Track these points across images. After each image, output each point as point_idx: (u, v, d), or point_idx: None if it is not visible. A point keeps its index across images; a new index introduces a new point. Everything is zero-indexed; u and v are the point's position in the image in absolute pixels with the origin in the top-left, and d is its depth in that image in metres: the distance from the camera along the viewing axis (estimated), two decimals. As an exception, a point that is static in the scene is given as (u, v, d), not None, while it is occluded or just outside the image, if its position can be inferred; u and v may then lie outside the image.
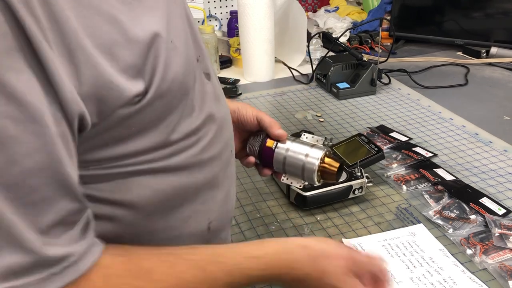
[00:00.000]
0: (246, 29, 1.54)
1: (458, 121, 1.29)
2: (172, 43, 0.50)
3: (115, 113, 0.46)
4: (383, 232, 0.89)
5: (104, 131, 0.46)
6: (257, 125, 0.77)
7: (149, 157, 0.52)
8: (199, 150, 0.57)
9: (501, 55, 1.69)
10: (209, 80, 0.61)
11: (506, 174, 1.04)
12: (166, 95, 0.50)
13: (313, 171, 0.73)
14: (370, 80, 1.45)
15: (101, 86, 0.43)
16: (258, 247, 0.56)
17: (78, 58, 0.41)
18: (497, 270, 0.78)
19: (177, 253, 0.51)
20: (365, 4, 2.10)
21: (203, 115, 0.57)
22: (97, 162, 0.48)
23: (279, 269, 0.55)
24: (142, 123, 0.49)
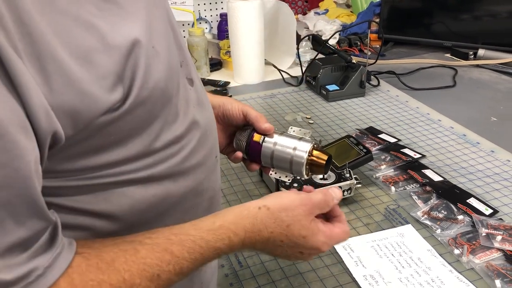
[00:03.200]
0: (236, 31, 1.54)
1: (446, 122, 1.30)
2: (154, 48, 0.49)
3: (93, 123, 0.44)
4: (372, 233, 0.89)
5: (82, 140, 0.45)
6: (243, 119, 0.76)
7: (131, 167, 0.50)
8: (182, 158, 0.56)
9: (489, 57, 1.71)
10: (192, 86, 0.60)
11: (493, 175, 1.06)
12: (147, 103, 0.48)
13: (302, 164, 0.72)
14: (359, 82, 1.46)
15: (75, 96, 0.41)
16: (217, 218, 0.55)
17: (49, 67, 0.40)
18: (484, 269, 0.79)
19: (138, 240, 0.49)
20: (354, 6, 2.11)
21: (186, 121, 0.56)
22: (77, 172, 0.47)
23: (244, 233, 0.55)
24: (123, 131, 0.48)
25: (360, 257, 0.83)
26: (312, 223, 0.59)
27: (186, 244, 0.50)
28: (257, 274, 0.81)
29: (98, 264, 0.45)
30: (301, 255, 0.60)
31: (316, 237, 0.59)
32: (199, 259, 0.51)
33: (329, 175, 0.97)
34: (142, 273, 0.47)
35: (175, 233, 0.51)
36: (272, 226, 0.56)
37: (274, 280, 0.79)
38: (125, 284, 0.46)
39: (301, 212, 0.58)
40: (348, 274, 0.80)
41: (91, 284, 0.44)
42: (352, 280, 0.79)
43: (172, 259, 0.49)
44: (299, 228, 0.58)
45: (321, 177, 0.97)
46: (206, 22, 1.98)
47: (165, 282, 0.49)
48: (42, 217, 0.42)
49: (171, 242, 0.50)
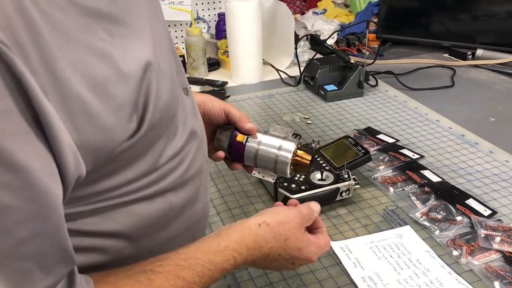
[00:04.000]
0: (234, 31, 1.54)
1: (445, 123, 1.30)
2: (160, 67, 0.49)
3: (110, 155, 0.45)
4: (370, 234, 0.89)
5: (96, 170, 0.45)
6: (225, 118, 0.76)
7: (137, 185, 0.51)
8: (184, 170, 0.57)
9: (487, 57, 1.71)
10: (188, 96, 0.61)
11: (492, 175, 1.05)
12: (157, 125, 0.49)
13: (287, 164, 0.73)
14: (357, 82, 1.46)
15: (97, 133, 0.42)
16: (221, 239, 0.56)
17: (73, 106, 0.39)
18: (482, 271, 0.79)
19: (149, 269, 0.50)
20: (352, 6, 2.11)
21: (185, 133, 0.57)
22: (86, 198, 0.47)
23: (247, 251, 0.57)
24: (133, 155, 0.48)
25: (358, 259, 0.83)
26: (304, 235, 0.62)
27: (196, 268, 0.52)
28: (255, 276, 0.80)
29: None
30: (292, 266, 0.63)
31: (309, 249, 0.62)
32: (208, 282, 0.53)
33: (327, 176, 0.97)
34: None
35: (184, 258, 0.52)
36: (272, 241, 0.59)
37: (272, 282, 0.79)
38: None
39: (295, 225, 0.61)
40: (346, 275, 0.80)
41: None
42: (350, 282, 0.78)
43: (184, 285, 0.50)
44: (295, 241, 0.60)
45: (320, 178, 0.96)
46: (204, 21, 1.97)
47: None
48: (69, 262, 0.42)
49: (182, 268, 0.51)
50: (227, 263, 0.55)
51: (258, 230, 0.58)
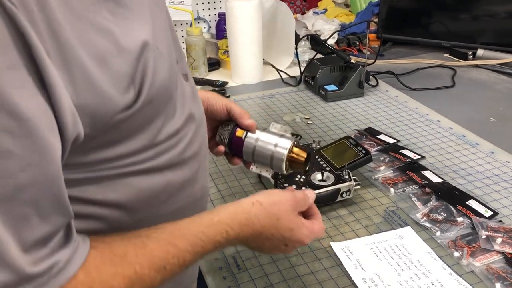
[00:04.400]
0: (234, 31, 1.53)
1: (445, 123, 1.29)
2: (158, 49, 0.52)
3: (108, 122, 0.48)
4: (371, 235, 0.89)
5: (96, 137, 0.48)
6: (226, 115, 0.79)
7: (136, 159, 0.54)
8: (181, 150, 0.60)
9: (487, 57, 1.70)
10: (187, 81, 0.64)
11: (493, 176, 1.05)
12: (154, 101, 0.52)
13: (282, 161, 0.75)
14: (358, 82, 1.45)
15: (96, 98, 0.45)
16: (214, 213, 0.59)
17: (74, 71, 0.43)
18: (484, 272, 0.79)
19: (146, 234, 0.53)
20: (353, 6, 2.10)
21: (184, 116, 0.60)
22: (88, 165, 0.50)
23: (239, 228, 0.59)
24: (132, 127, 0.52)
25: (359, 260, 0.83)
26: (297, 217, 0.65)
27: (188, 238, 0.55)
28: (255, 277, 0.80)
29: (111, 257, 0.49)
30: (286, 248, 0.65)
31: (301, 230, 0.64)
32: (200, 252, 0.56)
33: (328, 176, 0.97)
34: (151, 265, 0.51)
35: (178, 228, 0.55)
36: (264, 220, 0.61)
37: (272, 283, 0.79)
38: (136, 275, 0.50)
39: (288, 207, 0.63)
40: (347, 277, 0.80)
41: (106, 276, 0.48)
42: (351, 283, 0.78)
43: (176, 252, 0.53)
44: (288, 222, 0.63)
45: (320, 179, 0.96)
46: (204, 21, 1.97)
47: (169, 273, 0.53)
48: (65, 213, 0.45)
49: (175, 236, 0.54)
50: (220, 236, 0.57)
51: (251, 209, 0.61)
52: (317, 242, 0.87)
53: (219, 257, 0.85)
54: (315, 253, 0.85)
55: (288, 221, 0.63)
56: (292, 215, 0.63)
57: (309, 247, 0.86)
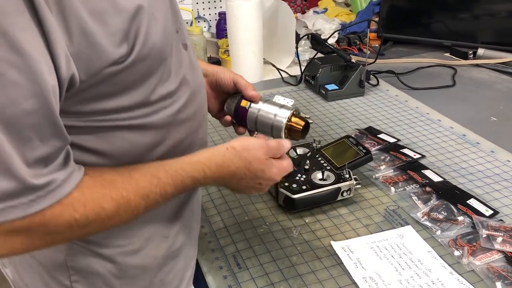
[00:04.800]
0: (235, 30, 1.53)
1: (446, 122, 1.29)
2: (153, 15, 0.57)
3: (102, 72, 0.53)
4: (372, 234, 0.89)
5: (92, 87, 0.54)
6: (233, 87, 0.85)
7: (131, 115, 0.60)
8: (175, 111, 0.65)
9: (488, 56, 1.70)
10: (186, 50, 0.68)
11: (493, 175, 1.05)
12: (146, 59, 0.57)
13: (281, 129, 0.80)
14: (358, 81, 1.45)
15: (89, 47, 0.51)
16: (195, 155, 0.67)
17: (71, 21, 0.49)
18: (484, 271, 0.79)
19: (133, 168, 0.61)
20: (353, 5, 2.10)
21: (178, 80, 0.65)
22: (86, 115, 0.57)
23: (216, 168, 0.67)
24: (125, 82, 0.57)
25: (359, 259, 0.83)
26: (268, 160, 0.72)
27: (169, 172, 0.62)
28: (256, 276, 0.80)
29: (102, 182, 0.57)
30: (260, 186, 0.73)
31: (272, 170, 0.72)
32: (179, 185, 0.63)
33: (328, 175, 0.97)
34: (136, 192, 0.59)
35: (161, 164, 0.63)
36: (238, 162, 0.69)
37: (273, 282, 0.79)
38: (123, 199, 0.57)
39: (260, 153, 0.70)
40: (347, 276, 0.80)
41: (97, 196, 0.55)
42: (351, 282, 0.78)
43: (159, 183, 0.61)
44: (258, 164, 0.70)
45: (321, 178, 0.96)
46: (205, 21, 1.97)
47: (153, 202, 0.61)
48: (61, 137, 0.52)
49: (158, 170, 0.62)
50: (197, 173, 0.65)
51: (226, 152, 0.68)
52: (318, 241, 0.87)
53: (220, 256, 0.85)
54: (315, 252, 0.85)
55: (259, 163, 0.70)
56: (262, 158, 0.71)
57: (310, 246, 0.86)
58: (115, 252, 0.69)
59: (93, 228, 0.56)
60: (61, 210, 0.52)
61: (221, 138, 1.24)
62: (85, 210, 0.54)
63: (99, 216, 0.55)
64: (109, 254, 0.68)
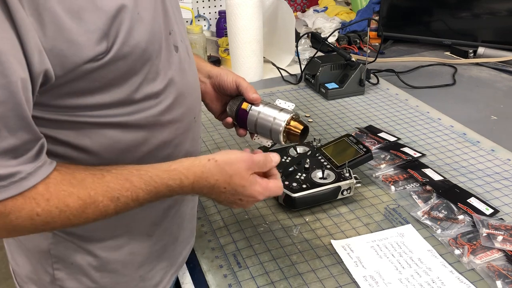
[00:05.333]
0: (235, 29, 1.53)
1: (446, 121, 1.29)
2: (139, 14, 0.57)
3: (80, 68, 0.53)
4: (372, 233, 0.89)
5: (71, 82, 0.54)
6: (236, 90, 0.85)
7: (112, 112, 0.60)
8: (159, 112, 0.65)
9: (488, 55, 1.70)
10: (177, 52, 0.68)
11: (494, 174, 1.05)
12: (127, 58, 0.57)
13: (279, 132, 0.80)
14: (358, 80, 1.45)
15: (64, 43, 0.51)
16: (174, 163, 0.65)
17: (45, 17, 0.49)
18: (484, 270, 0.79)
19: (106, 169, 0.60)
20: (353, 4, 2.10)
21: (165, 81, 0.65)
22: (66, 109, 0.57)
23: (194, 178, 0.65)
24: (106, 79, 0.57)
25: (360, 258, 0.83)
26: (251, 176, 0.69)
27: (144, 177, 0.61)
28: (256, 275, 0.80)
29: (71, 180, 0.56)
30: (241, 202, 0.70)
31: (254, 187, 0.69)
32: (153, 191, 0.62)
33: (328, 174, 0.96)
34: (105, 193, 0.58)
35: (137, 169, 0.61)
36: (217, 175, 0.66)
37: (273, 281, 0.79)
38: (90, 199, 0.57)
39: (242, 166, 0.68)
40: (348, 274, 0.80)
41: (63, 194, 0.55)
42: (352, 281, 0.78)
43: (130, 187, 0.60)
44: (239, 179, 0.67)
45: (321, 177, 0.96)
46: (205, 19, 1.97)
47: (123, 205, 0.60)
48: (29, 130, 0.52)
49: (132, 174, 0.60)
50: (173, 181, 0.63)
51: (207, 164, 0.66)
52: (318, 240, 0.87)
53: (220, 255, 0.85)
54: (315, 251, 0.85)
55: (240, 178, 0.67)
56: (244, 173, 0.68)
57: (310, 245, 0.86)
58: (97, 246, 0.69)
59: (57, 224, 0.56)
60: (22, 202, 0.52)
61: (221, 137, 1.24)
62: (48, 205, 0.54)
63: (63, 213, 0.55)
64: (91, 248, 0.69)
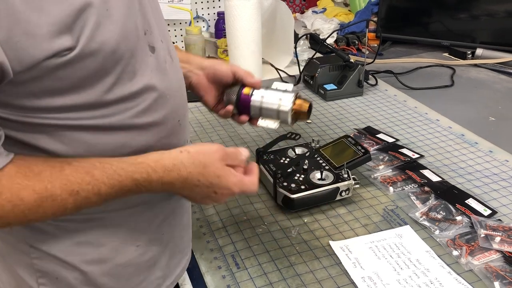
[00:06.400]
0: (233, 30, 1.53)
1: (445, 122, 1.29)
2: (108, 11, 0.55)
3: (42, 64, 0.51)
4: (370, 234, 0.89)
5: (35, 80, 0.52)
6: (232, 77, 0.85)
7: (84, 115, 0.57)
8: (135, 114, 0.62)
9: (486, 56, 1.71)
10: (153, 53, 0.65)
11: (492, 175, 1.05)
12: (95, 56, 0.54)
13: (287, 113, 0.82)
14: (357, 81, 1.45)
15: (21, 35, 0.48)
16: (141, 156, 0.62)
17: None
18: (482, 271, 0.79)
19: (67, 161, 0.57)
20: (352, 5, 2.10)
21: (142, 82, 0.62)
22: (33, 111, 0.54)
23: (163, 172, 0.61)
24: (74, 78, 0.54)
25: (358, 259, 0.83)
26: (225, 167, 0.67)
27: (107, 171, 0.58)
28: (255, 276, 0.80)
29: (26, 173, 0.54)
30: (215, 195, 0.67)
31: (229, 178, 0.67)
32: (117, 185, 0.59)
33: (327, 175, 0.97)
34: (63, 187, 0.55)
35: (100, 161, 0.58)
36: (191, 166, 0.63)
37: (271, 282, 0.79)
38: (47, 192, 0.54)
39: (216, 156, 0.66)
40: (346, 275, 0.80)
41: (17, 187, 0.53)
42: (350, 282, 0.78)
43: (91, 181, 0.57)
44: (214, 169, 0.65)
45: (319, 178, 0.96)
46: (204, 20, 1.97)
47: (83, 199, 0.57)
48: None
49: (94, 167, 0.58)
50: (139, 174, 0.60)
51: (179, 155, 0.63)
52: (316, 241, 0.87)
53: (218, 256, 0.85)
54: (314, 252, 0.85)
55: (215, 169, 0.65)
56: (218, 164, 0.66)
57: (308, 246, 0.86)
58: (81, 260, 0.66)
59: (11, 219, 0.54)
60: None
61: (220, 139, 1.24)
62: (0, 199, 0.52)
63: (17, 207, 0.53)
64: (75, 262, 0.65)
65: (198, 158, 0.64)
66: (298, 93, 0.83)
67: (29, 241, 0.64)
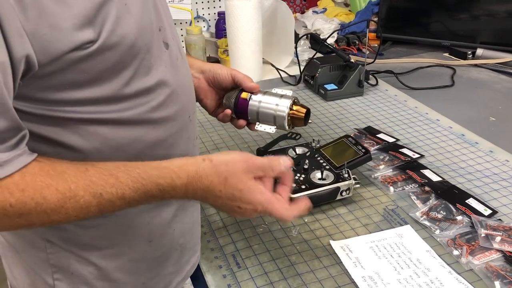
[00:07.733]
0: (234, 30, 1.53)
1: (445, 122, 1.29)
2: (126, 6, 0.56)
3: (65, 56, 0.51)
4: (371, 234, 0.89)
5: (57, 72, 0.53)
6: (231, 82, 0.86)
7: (102, 109, 0.58)
8: (150, 108, 0.63)
9: (487, 56, 1.71)
10: (167, 49, 0.66)
11: (492, 175, 1.05)
12: (115, 49, 0.55)
13: (284, 118, 0.82)
14: (357, 81, 1.45)
15: (47, 27, 0.49)
16: (165, 161, 0.61)
17: (27, 1, 0.47)
18: (483, 270, 0.79)
19: (92, 163, 0.57)
20: (352, 5, 2.10)
21: (157, 77, 0.63)
22: (54, 104, 0.55)
23: (187, 178, 0.61)
24: (95, 70, 0.55)
25: (358, 258, 0.83)
26: (251, 180, 0.64)
27: (131, 174, 0.57)
28: (255, 275, 0.80)
29: (50, 171, 0.53)
30: (239, 210, 0.64)
31: (253, 193, 0.63)
32: (141, 189, 0.58)
33: (327, 175, 0.97)
34: (87, 188, 0.54)
35: (125, 164, 0.58)
36: (212, 176, 0.62)
37: (272, 281, 0.79)
38: (70, 192, 0.53)
39: (240, 167, 0.63)
40: (346, 275, 0.80)
41: (40, 185, 0.52)
42: (351, 281, 0.78)
43: (116, 183, 0.56)
44: (236, 181, 0.62)
45: (320, 177, 0.96)
46: (204, 20, 1.97)
47: (107, 202, 0.56)
48: (9, 118, 0.50)
49: (119, 169, 0.57)
50: (163, 179, 0.59)
51: (201, 163, 0.62)
52: (317, 241, 0.87)
53: (219, 256, 0.85)
54: (314, 252, 0.85)
55: (237, 181, 0.62)
56: (241, 175, 0.63)
57: (309, 245, 0.86)
58: (96, 255, 0.67)
59: (33, 217, 0.53)
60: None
61: (220, 138, 1.24)
62: (23, 196, 0.51)
63: (40, 206, 0.52)
64: (90, 257, 0.67)
65: (220, 168, 0.62)
66: (295, 98, 0.83)
67: (46, 236, 0.65)
